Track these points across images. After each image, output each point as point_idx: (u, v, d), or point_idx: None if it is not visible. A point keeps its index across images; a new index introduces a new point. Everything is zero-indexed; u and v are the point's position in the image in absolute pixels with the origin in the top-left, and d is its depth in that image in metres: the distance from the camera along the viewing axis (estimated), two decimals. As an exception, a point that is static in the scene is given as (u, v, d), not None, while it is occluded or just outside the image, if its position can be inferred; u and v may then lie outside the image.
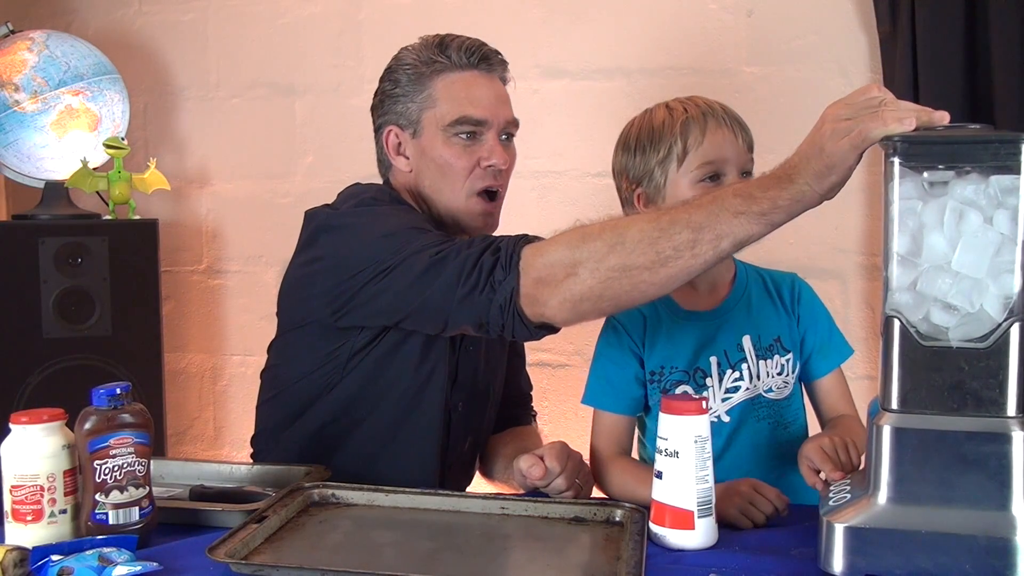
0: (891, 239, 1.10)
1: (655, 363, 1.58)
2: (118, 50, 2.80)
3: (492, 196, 1.66)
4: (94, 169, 2.57)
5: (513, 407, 1.89)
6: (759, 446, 1.57)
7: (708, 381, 1.57)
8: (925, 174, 1.08)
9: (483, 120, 1.61)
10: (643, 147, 1.58)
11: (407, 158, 1.66)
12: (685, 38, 2.55)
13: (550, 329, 1.41)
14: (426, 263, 1.41)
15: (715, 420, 1.56)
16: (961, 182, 1.07)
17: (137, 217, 2.64)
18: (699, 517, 1.24)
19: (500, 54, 1.69)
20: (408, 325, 1.50)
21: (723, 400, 1.56)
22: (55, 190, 2.59)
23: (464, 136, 1.61)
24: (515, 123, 1.68)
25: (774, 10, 2.49)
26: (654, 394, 1.57)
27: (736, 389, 1.57)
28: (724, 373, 1.57)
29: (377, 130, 1.71)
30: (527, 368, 1.98)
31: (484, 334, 1.44)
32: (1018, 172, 1.05)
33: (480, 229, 1.65)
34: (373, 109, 1.72)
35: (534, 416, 1.96)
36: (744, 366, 1.57)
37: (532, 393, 1.98)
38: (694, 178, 1.53)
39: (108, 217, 2.62)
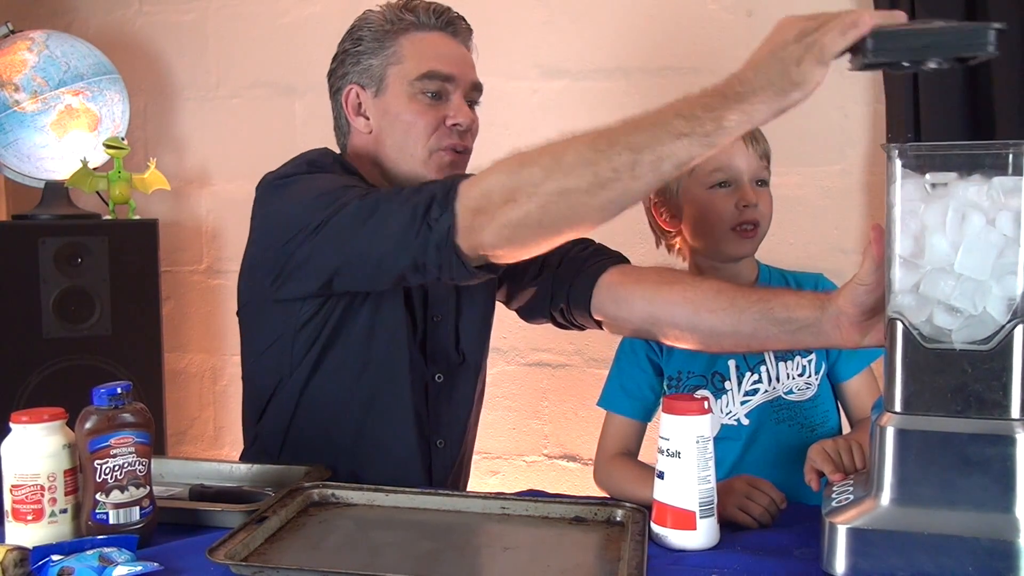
0: (893, 241, 1.10)
1: (673, 368, 1.60)
2: (118, 50, 2.80)
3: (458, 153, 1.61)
4: (94, 169, 2.57)
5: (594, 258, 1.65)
6: (782, 448, 1.56)
7: (727, 384, 1.57)
8: (927, 176, 1.08)
9: (451, 75, 1.57)
10: None
11: (367, 119, 1.62)
12: (685, 38, 2.54)
13: (490, 269, 1.36)
14: (355, 211, 1.37)
15: (734, 423, 1.56)
16: (963, 184, 1.07)
17: (137, 217, 2.64)
18: (701, 517, 1.24)
19: (466, 21, 1.65)
20: (342, 284, 1.45)
21: (742, 403, 1.56)
22: (55, 190, 2.59)
23: (430, 94, 1.57)
24: (480, 88, 1.64)
25: (774, 10, 2.46)
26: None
27: (755, 392, 1.57)
28: (743, 376, 1.57)
29: (335, 93, 1.66)
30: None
31: (420, 279, 1.39)
32: (1020, 173, 1.05)
33: None
34: (331, 73, 1.68)
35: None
36: (763, 368, 1.57)
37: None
38: (706, 184, 1.56)
39: (108, 217, 2.61)
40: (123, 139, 2.60)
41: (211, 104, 2.92)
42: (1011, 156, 1.05)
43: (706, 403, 1.27)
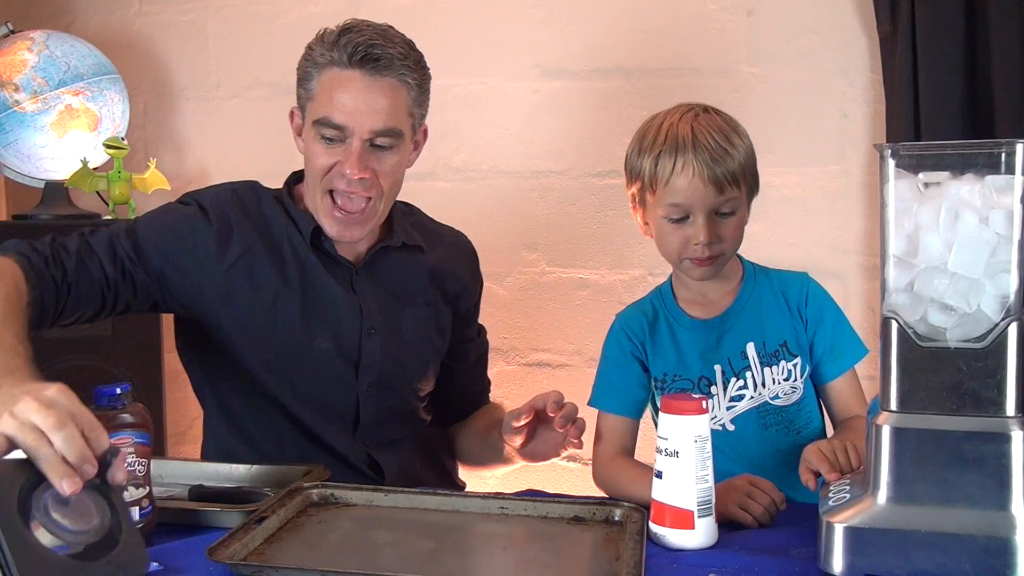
0: (887, 240, 1.10)
1: (659, 370, 1.59)
2: (118, 50, 2.80)
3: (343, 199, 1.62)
4: (94, 169, 2.57)
5: (465, 403, 1.92)
6: (769, 454, 1.56)
7: (713, 389, 1.56)
8: (920, 175, 1.09)
9: (342, 125, 1.57)
10: (636, 155, 1.57)
11: (304, 142, 1.67)
12: (685, 38, 2.54)
13: None
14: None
15: (719, 428, 1.55)
16: (956, 183, 1.08)
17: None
18: (699, 517, 1.24)
19: (398, 55, 1.59)
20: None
21: (728, 408, 1.56)
22: (55, 190, 2.59)
23: (325, 138, 1.59)
24: (391, 132, 1.59)
25: (774, 10, 2.49)
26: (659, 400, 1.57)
27: (740, 397, 1.56)
28: (728, 381, 1.56)
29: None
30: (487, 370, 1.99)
31: None
32: (1012, 172, 1.05)
33: (335, 238, 1.64)
34: None
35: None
36: (748, 374, 1.56)
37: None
38: (663, 213, 1.53)
39: (108, 217, 2.61)
40: (123, 139, 2.60)
41: (211, 104, 2.91)
42: (1003, 155, 1.06)
43: (704, 403, 1.27)
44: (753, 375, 1.56)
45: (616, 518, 1.33)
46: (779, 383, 1.56)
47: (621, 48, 2.58)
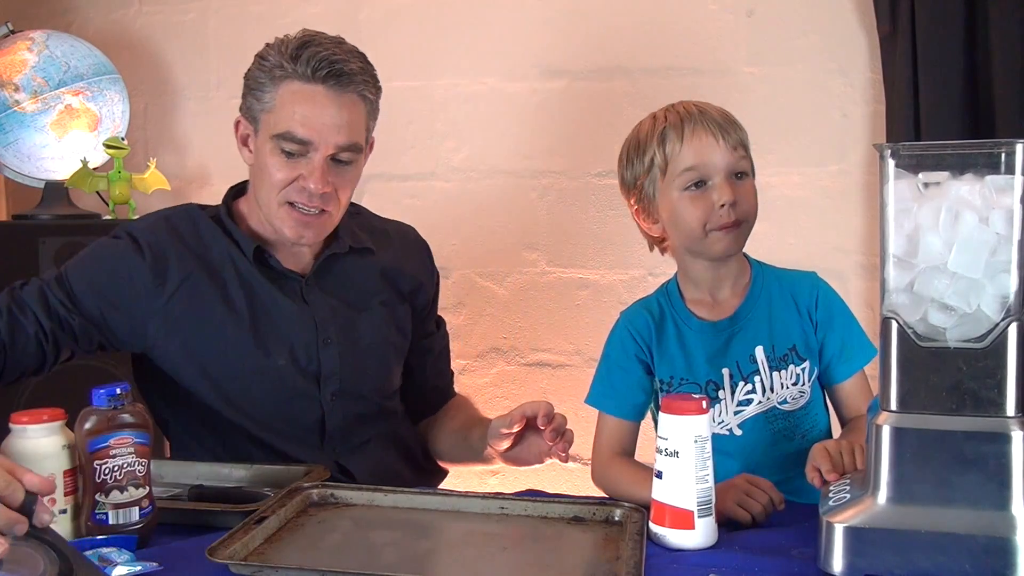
0: (887, 240, 1.10)
1: (664, 372, 1.57)
2: (118, 50, 2.80)
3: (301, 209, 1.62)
4: (94, 169, 2.57)
5: (432, 397, 1.92)
6: (775, 458, 1.54)
7: (720, 393, 1.54)
8: (920, 175, 1.09)
9: (306, 140, 1.56)
10: (631, 159, 1.57)
11: (251, 151, 1.65)
12: (685, 38, 2.54)
13: None
14: None
15: (726, 433, 1.54)
16: (956, 183, 1.07)
17: (137, 217, 2.64)
18: (699, 517, 1.24)
19: (359, 70, 1.60)
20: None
21: (735, 413, 1.54)
22: (55, 190, 2.59)
23: (286, 152, 1.58)
24: (353, 147, 1.60)
25: (774, 10, 2.49)
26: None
27: (748, 402, 1.54)
28: (736, 385, 1.54)
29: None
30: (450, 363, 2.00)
31: None
32: (1012, 172, 1.05)
33: (292, 240, 1.63)
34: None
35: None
36: (756, 379, 1.54)
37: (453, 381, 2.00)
38: (679, 185, 1.51)
39: (108, 217, 2.62)
40: (123, 139, 2.61)
41: (211, 104, 2.91)
42: (1003, 155, 1.06)
43: (704, 403, 1.27)
44: (762, 379, 1.54)
45: (616, 518, 1.33)
46: (787, 387, 1.54)
47: (621, 48, 2.58)
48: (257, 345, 1.63)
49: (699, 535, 1.24)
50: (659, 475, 1.26)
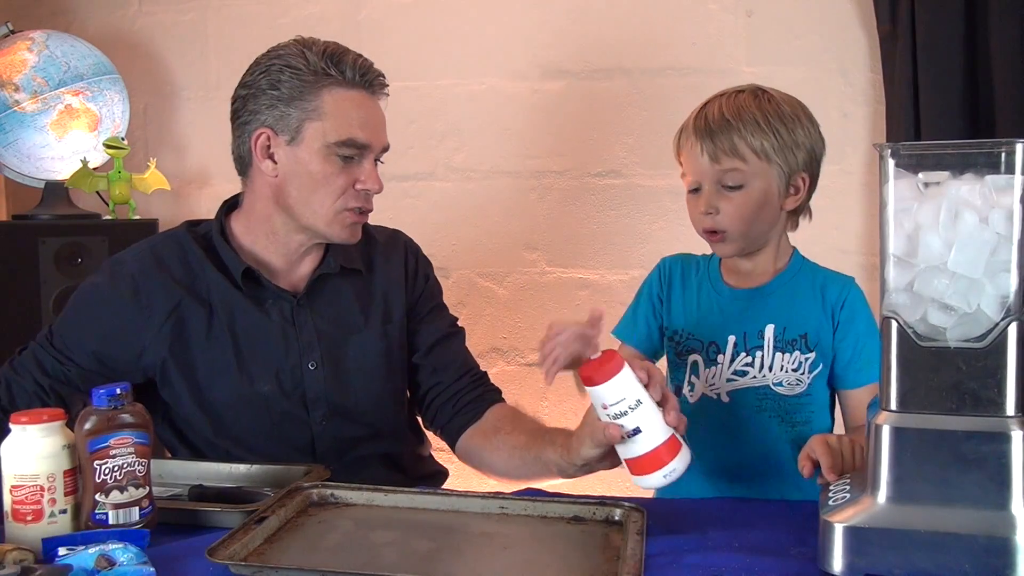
0: (887, 240, 1.10)
1: (678, 323, 1.63)
2: (118, 50, 2.80)
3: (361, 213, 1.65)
4: (94, 169, 2.57)
5: (467, 399, 1.74)
6: (756, 436, 1.56)
7: (720, 358, 1.58)
8: (920, 175, 1.09)
9: (367, 145, 1.59)
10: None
11: (275, 163, 1.62)
12: (685, 38, 2.55)
13: None
14: None
15: (714, 397, 1.57)
16: (956, 182, 1.07)
17: (137, 217, 2.64)
18: (679, 436, 1.26)
19: (384, 77, 1.66)
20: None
21: (728, 380, 1.56)
22: (55, 190, 2.59)
23: (343, 158, 1.59)
24: (388, 148, 1.67)
25: (774, 10, 2.49)
26: (670, 352, 1.64)
27: (743, 374, 1.57)
28: (737, 355, 1.57)
29: (242, 124, 1.66)
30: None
31: None
32: (1012, 172, 1.05)
33: (345, 240, 1.64)
34: (238, 102, 1.68)
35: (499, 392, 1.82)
36: (759, 354, 1.57)
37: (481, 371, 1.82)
38: (687, 186, 1.59)
39: (108, 217, 2.62)
40: (123, 139, 2.61)
41: (211, 104, 2.92)
42: (1003, 155, 1.06)
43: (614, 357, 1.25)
44: (763, 357, 1.57)
45: (616, 518, 1.33)
46: (787, 371, 1.56)
47: (621, 48, 2.58)
48: (241, 372, 1.63)
49: (686, 450, 1.26)
50: (636, 431, 1.24)
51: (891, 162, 1.09)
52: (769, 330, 1.57)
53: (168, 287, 1.62)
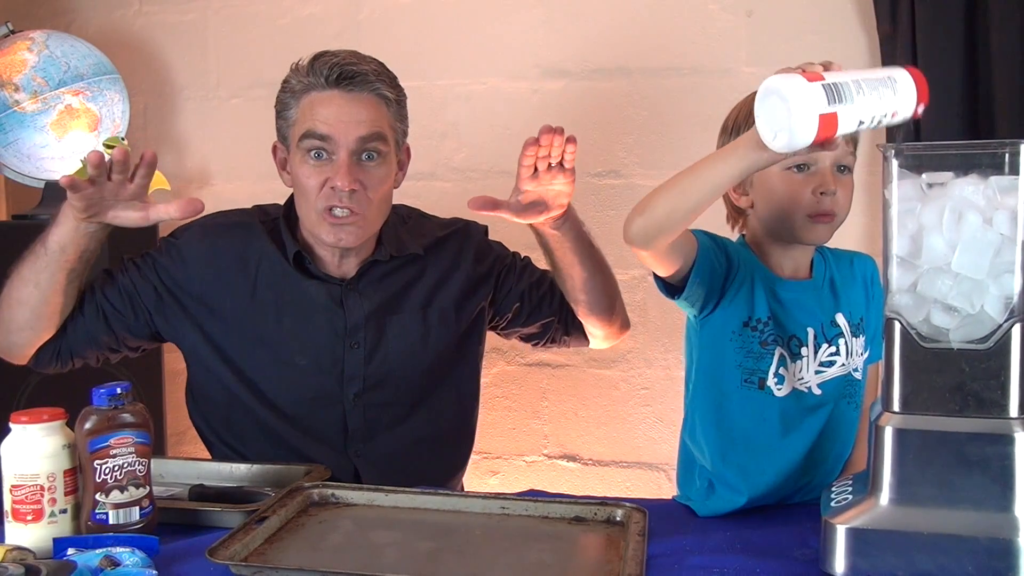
0: (890, 241, 1.10)
1: (761, 312, 1.49)
2: (118, 50, 2.79)
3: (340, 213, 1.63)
4: (94, 169, 2.56)
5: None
6: (841, 426, 1.51)
7: (803, 351, 1.50)
8: (923, 176, 1.08)
9: (326, 136, 1.59)
10: (739, 126, 1.51)
11: (289, 174, 1.70)
12: (685, 38, 2.54)
13: None
14: None
15: (805, 391, 1.49)
16: (960, 183, 1.07)
17: (137, 217, 2.64)
18: None
19: (373, 72, 1.64)
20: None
21: (816, 372, 1.50)
22: (55, 190, 2.58)
23: (313, 154, 1.61)
24: (375, 137, 1.62)
25: (774, 10, 2.48)
26: (753, 342, 1.48)
27: (831, 363, 1.51)
28: (820, 346, 1.50)
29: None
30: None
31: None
32: (1016, 172, 1.05)
33: (332, 243, 1.65)
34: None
35: None
36: (841, 341, 1.51)
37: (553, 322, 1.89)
38: (784, 163, 1.46)
39: (108, 217, 2.61)
40: (123, 139, 2.60)
41: (211, 104, 2.91)
42: (1007, 155, 1.06)
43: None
44: (847, 342, 1.51)
45: (617, 518, 1.33)
46: (860, 355, 1.53)
47: (621, 48, 2.58)
48: (279, 341, 1.67)
49: None
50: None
51: (895, 163, 1.09)
52: (840, 317, 1.52)
53: (224, 254, 1.72)
